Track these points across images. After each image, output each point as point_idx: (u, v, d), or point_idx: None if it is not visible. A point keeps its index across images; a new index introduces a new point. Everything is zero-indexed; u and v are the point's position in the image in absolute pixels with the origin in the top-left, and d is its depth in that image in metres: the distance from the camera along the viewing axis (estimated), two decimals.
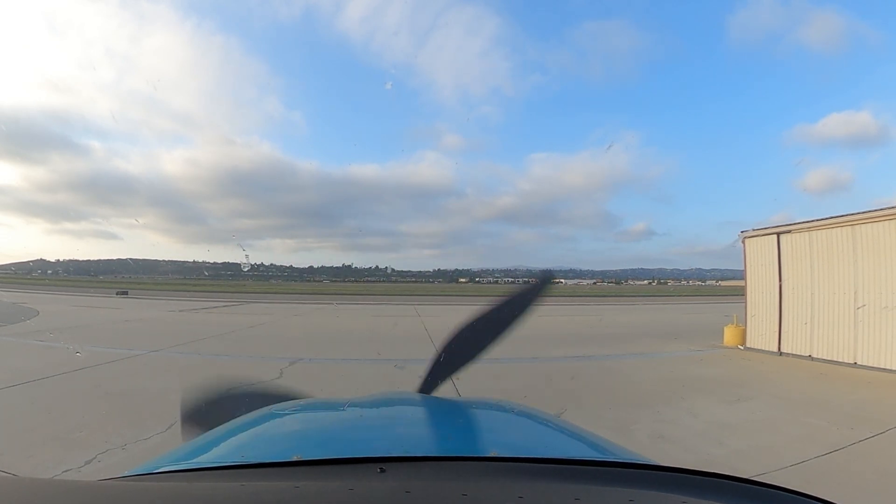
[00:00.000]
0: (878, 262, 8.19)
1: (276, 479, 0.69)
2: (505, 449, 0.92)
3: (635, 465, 0.81)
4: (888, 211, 8.15)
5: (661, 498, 0.63)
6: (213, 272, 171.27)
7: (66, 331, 12.36)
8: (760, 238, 10.70)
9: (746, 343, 10.73)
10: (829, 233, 9.10)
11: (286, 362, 8.17)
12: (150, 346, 9.71)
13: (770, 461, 3.95)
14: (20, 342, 10.04)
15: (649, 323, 17.92)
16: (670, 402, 6.01)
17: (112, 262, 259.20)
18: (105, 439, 4.23)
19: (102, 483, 0.69)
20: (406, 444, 0.98)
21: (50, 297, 27.15)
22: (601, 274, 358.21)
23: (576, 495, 0.62)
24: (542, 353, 10.07)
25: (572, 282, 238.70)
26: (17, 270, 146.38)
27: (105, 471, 3.49)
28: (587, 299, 42.99)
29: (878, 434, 4.66)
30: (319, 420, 1.28)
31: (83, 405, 5.39)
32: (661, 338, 12.71)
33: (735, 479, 0.69)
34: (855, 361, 8.32)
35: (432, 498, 0.62)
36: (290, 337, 12.60)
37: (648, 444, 4.49)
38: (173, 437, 4.28)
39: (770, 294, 10.22)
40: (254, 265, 59.61)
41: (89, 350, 8.93)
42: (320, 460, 0.77)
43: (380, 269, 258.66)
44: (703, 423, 5.11)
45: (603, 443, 1.12)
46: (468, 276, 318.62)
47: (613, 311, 25.58)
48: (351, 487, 0.63)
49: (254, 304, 28.01)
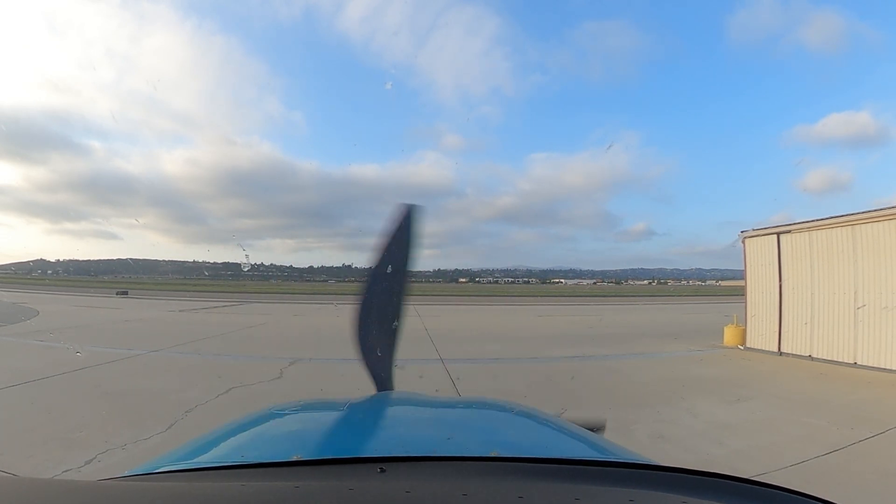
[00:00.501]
0: (878, 262, 8.19)
1: (276, 479, 0.69)
2: (505, 449, 0.92)
3: (635, 465, 0.81)
4: (888, 211, 8.15)
5: (661, 498, 0.63)
6: (213, 272, 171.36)
7: (66, 331, 12.36)
8: (760, 238, 10.70)
9: (746, 343, 10.73)
10: (829, 233, 9.09)
11: (286, 362, 8.17)
12: (150, 346, 9.72)
13: (770, 461, 3.95)
14: (20, 342, 10.04)
15: (649, 323, 17.92)
16: (670, 402, 6.00)
17: (112, 262, 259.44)
18: (105, 439, 4.22)
19: (102, 483, 0.69)
20: (406, 444, 0.98)
21: (50, 297, 27.15)
22: (601, 274, 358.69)
23: (576, 495, 0.62)
24: (542, 353, 10.08)
25: (572, 282, 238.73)
26: (17, 270, 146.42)
27: (105, 471, 3.49)
28: (587, 299, 43.01)
29: (878, 434, 4.66)
30: (319, 420, 1.28)
31: (83, 405, 5.39)
32: (660, 338, 12.70)
33: (735, 479, 0.69)
34: (855, 361, 8.32)
35: (432, 498, 0.62)
36: (290, 337, 12.59)
37: (648, 443, 4.48)
38: (173, 437, 4.29)
39: (770, 294, 10.22)
40: (254, 265, 59.64)
41: (89, 350, 8.93)
42: (320, 460, 0.78)
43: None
44: (703, 423, 5.11)
45: (603, 443, 1.12)
46: (468, 276, 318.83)
47: (613, 310, 25.58)
48: (351, 487, 0.63)
49: (254, 304, 28.01)
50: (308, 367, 8.09)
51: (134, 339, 11.12)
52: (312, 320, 18.28)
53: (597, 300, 40.98)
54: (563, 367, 8.38)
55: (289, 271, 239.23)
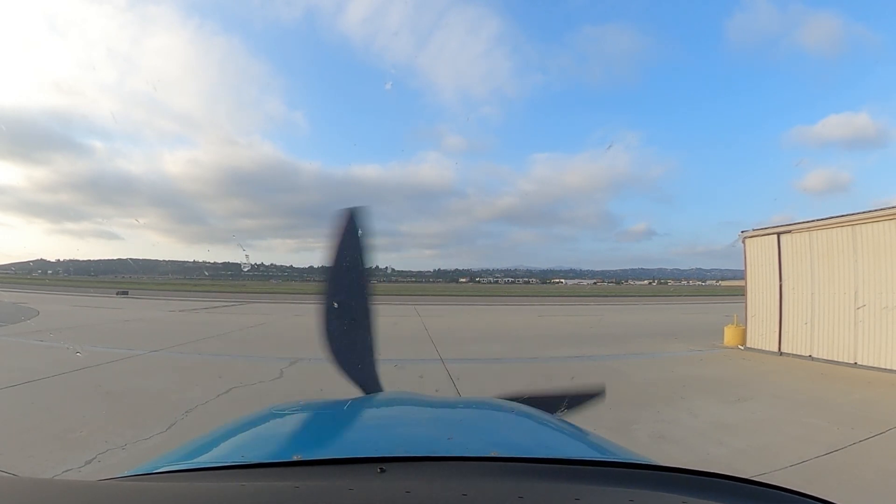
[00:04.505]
0: (878, 262, 8.19)
1: (276, 479, 0.69)
2: (505, 449, 0.92)
3: (635, 465, 0.81)
4: (888, 211, 8.15)
5: (661, 498, 0.63)
6: (213, 272, 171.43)
7: (67, 331, 12.36)
8: (761, 238, 10.69)
9: (747, 343, 10.72)
10: (830, 233, 9.09)
11: (286, 362, 8.17)
12: (150, 346, 9.71)
13: (770, 461, 3.95)
14: (21, 342, 10.04)
15: (649, 323, 17.92)
16: (671, 401, 6.00)
17: (112, 262, 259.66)
18: (105, 439, 4.23)
19: (102, 483, 0.69)
20: (406, 444, 0.97)
21: (50, 298, 27.15)
22: (601, 274, 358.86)
23: (576, 495, 0.62)
24: (542, 353, 10.08)
25: (572, 282, 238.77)
26: (17, 270, 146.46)
27: (105, 471, 3.49)
28: (587, 299, 43.00)
29: (878, 434, 4.66)
30: (319, 420, 1.28)
31: (83, 405, 5.39)
32: (661, 338, 12.70)
33: (735, 479, 0.69)
34: (855, 361, 8.32)
35: (432, 498, 0.62)
36: (290, 337, 12.58)
37: (649, 443, 4.49)
38: (173, 437, 4.29)
39: (770, 294, 10.21)
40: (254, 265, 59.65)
41: (90, 350, 8.93)
42: (320, 460, 0.78)
43: (380, 269, 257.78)
44: (704, 423, 5.11)
45: (603, 443, 1.12)
46: (468, 276, 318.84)
47: (613, 311, 25.58)
48: (351, 487, 0.63)
49: (254, 304, 28.00)
50: (308, 367, 8.09)
51: (134, 339, 11.12)
52: (312, 320, 18.26)
53: (597, 300, 40.98)
54: (563, 368, 8.37)
55: (289, 271, 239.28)
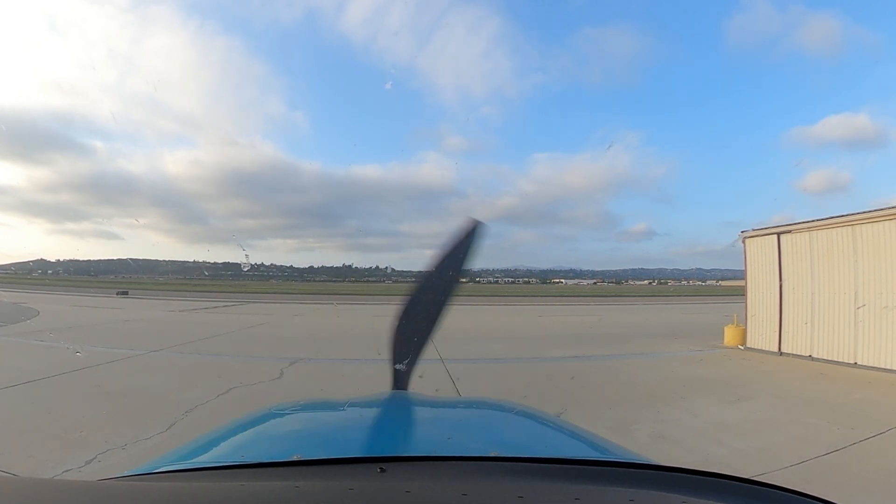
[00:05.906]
0: (878, 262, 8.18)
1: (276, 479, 0.69)
2: (505, 449, 0.92)
3: (635, 465, 0.81)
4: (888, 211, 8.14)
5: (661, 498, 0.63)
6: (213, 272, 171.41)
7: (67, 331, 12.36)
8: (761, 238, 10.69)
9: (747, 343, 10.72)
10: (830, 233, 9.09)
11: (286, 362, 8.17)
12: (150, 346, 9.71)
13: (770, 461, 3.94)
14: (21, 342, 10.04)
15: (649, 323, 17.91)
16: (670, 401, 6.00)
17: (112, 262, 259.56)
18: (105, 439, 4.22)
19: (102, 483, 0.69)
20: (406, 444, 0.98)
21: (50, 297, 27.16)
22: (601, 274, 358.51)
23: (576, 495, 0.62)
24: (542, 353, 10.08)
25: (572, 282, 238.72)
26: (17, 270, 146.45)
27: (105, 471, 3.49)
28: (587, 299, 42.98)
29: (878, 434, 4.66)
30: (319, 420, 1.28)
31: (84, 405, 5.39)
32: (661, 338, 12.70)
33: (735, 479, 0.69)
34: (855, 361, 8.32)
35: (432, 498, 0.62)
36: (290, 337, 12.59)
37: (649, 443, 4.48)
38: (173, 437, 4.29)
39: (770, 294, 10.21)
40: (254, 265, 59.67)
41: (90, 350, 8.93)
42: (320, 460, 0.77)
43: (380, 269, 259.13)
44: (704, 423, 5.11)
45: (603, 443, 1.12)
46: (468, 276, 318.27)
47: (614, 310, 25.57)
48: (351, 487, 0.63)
49: (254, 304, 28.00)
50: (308, 367, 8.09)
51: (134, 339, 11.12)
52: (313, 320, 18.29)
53: (597, 300, 40.95)
54: (563, 368, 8.37)
55: (289, 271, 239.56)
